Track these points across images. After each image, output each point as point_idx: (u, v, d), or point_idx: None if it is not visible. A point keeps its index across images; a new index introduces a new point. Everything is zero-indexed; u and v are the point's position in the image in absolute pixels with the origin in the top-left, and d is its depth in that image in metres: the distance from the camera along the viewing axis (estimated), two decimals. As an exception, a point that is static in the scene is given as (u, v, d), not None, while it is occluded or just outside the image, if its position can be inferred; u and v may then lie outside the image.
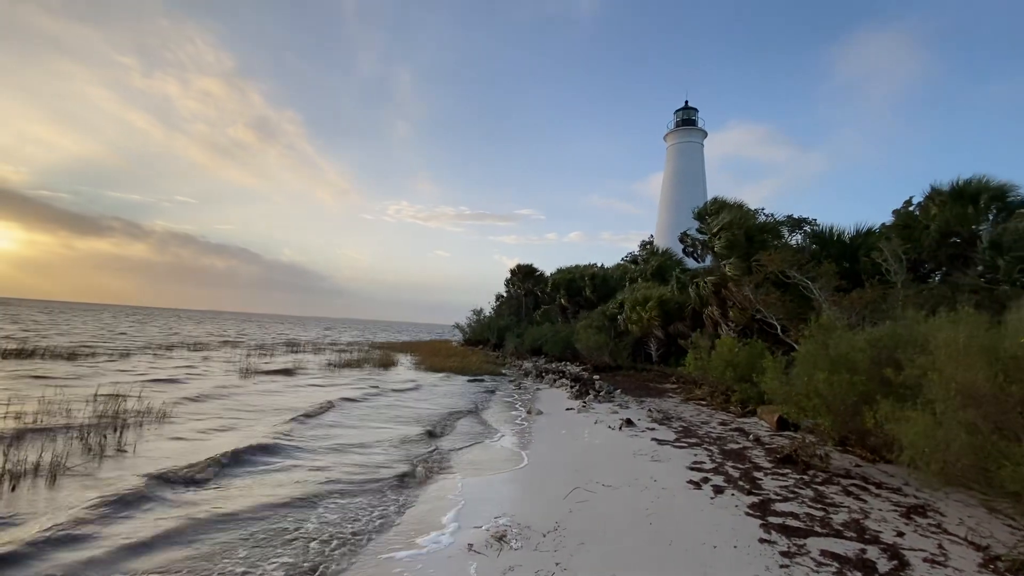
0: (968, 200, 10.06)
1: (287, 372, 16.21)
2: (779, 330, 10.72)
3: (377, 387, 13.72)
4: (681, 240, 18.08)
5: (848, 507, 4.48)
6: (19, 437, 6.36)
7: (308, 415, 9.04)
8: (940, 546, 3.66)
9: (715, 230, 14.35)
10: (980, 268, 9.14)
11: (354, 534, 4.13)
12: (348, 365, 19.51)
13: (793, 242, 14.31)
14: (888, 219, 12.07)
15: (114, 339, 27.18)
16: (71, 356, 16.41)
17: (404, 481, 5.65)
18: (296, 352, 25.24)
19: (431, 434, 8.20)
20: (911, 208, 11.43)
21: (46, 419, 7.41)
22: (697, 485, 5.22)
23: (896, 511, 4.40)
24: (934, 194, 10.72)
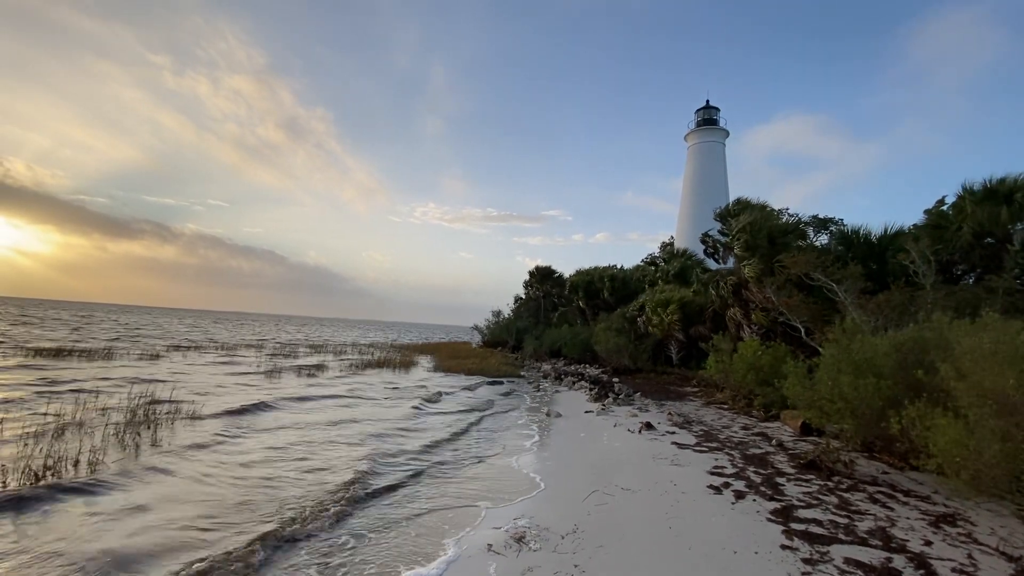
0: (1002, 199, 9.71)
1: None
2: (803, 333, 10.51)
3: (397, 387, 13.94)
4: (702, 241, 17.84)
5: (874, 515, 4.40)
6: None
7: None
8: (970, 556, 3.57)
9: (736, 232, 14.12)
10: (1016, 271, 8.81)
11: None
12: (379, 365, 19.87)
13: (819, 243, 13.99)
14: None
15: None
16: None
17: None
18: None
19: (455, 433, 8.38)
20: (943, 208, 11.08)
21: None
22: (718, 490, 5.19)
23: (924, 520, 4.30)
24: (967, 193, 10.38)
